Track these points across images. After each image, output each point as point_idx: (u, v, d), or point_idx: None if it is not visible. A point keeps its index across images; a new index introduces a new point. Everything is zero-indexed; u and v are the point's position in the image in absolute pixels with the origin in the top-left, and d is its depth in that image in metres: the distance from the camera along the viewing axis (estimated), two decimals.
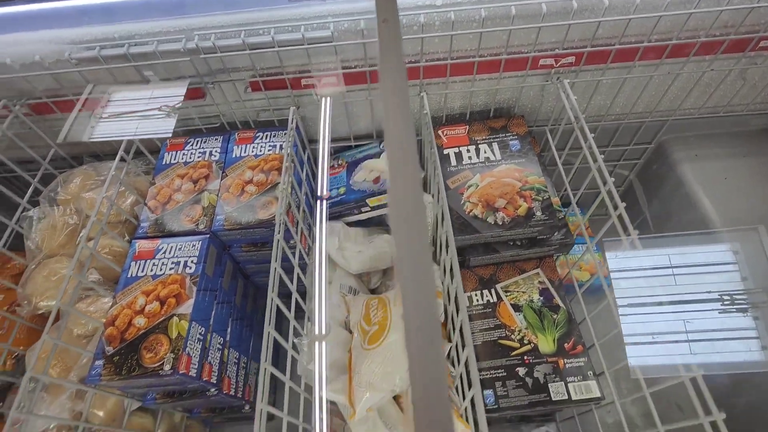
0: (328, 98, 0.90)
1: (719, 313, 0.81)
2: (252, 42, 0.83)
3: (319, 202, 0.85)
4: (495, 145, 1.00)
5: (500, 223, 0.89)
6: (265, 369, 0.61)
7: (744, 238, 0.91)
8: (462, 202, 0.92)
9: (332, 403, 0.83)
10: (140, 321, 0.78)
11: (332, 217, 1.06)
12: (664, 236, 1.04)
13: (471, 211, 0.91)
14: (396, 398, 0.83)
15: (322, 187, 0.86)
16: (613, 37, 0.89)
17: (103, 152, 1.09)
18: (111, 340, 0.77)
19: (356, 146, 1.12)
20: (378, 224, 1.13)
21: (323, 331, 0.73)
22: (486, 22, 0.83)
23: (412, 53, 0.89)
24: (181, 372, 0.73)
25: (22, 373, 0.79)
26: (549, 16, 0.83)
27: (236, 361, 0.94)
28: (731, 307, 0.81)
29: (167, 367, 0.73)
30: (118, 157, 0.89)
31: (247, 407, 1.00)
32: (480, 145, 1.00)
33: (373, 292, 1.09)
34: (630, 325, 0.77)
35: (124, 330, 0.77)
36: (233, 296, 0.97)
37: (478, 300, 0.92)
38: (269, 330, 0.64)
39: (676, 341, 0.78)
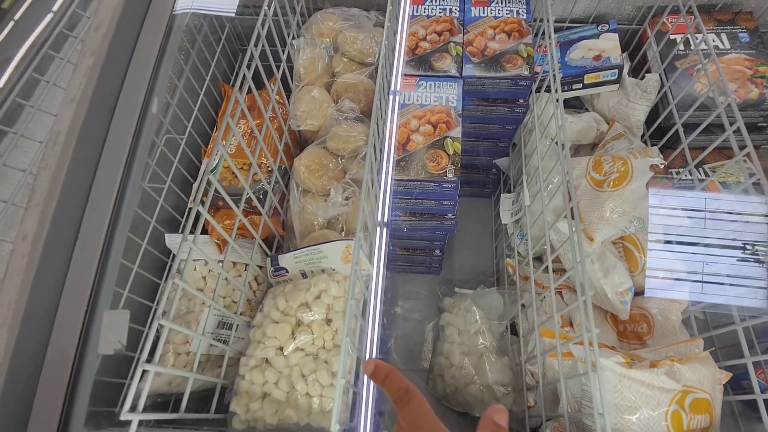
0: None
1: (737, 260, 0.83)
2: None
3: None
4: (723, 36, 1.04)
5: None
6: None
7: None
8: (692, 82, 0.99)
9: None
10: (418, 138, 0.89)
11: (538, 91, 1.13)
12: None
13: (701, 90, 0.98)
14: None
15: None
16: None
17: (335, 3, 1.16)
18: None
19: (568, 28, 1.17)
20: (572, 106, 1.20)
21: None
22: None
23: None
24: (458, 180, 0.86)
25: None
26: None
27: None
28: (750, 256, 0.82)
29: (450, 175, 0.85)
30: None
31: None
32: (708, 34, 1.04)
33: None
34: (654, 259, 0.86)
35: (404, 143, 0.89)
36: None
37: (686, 177, 1.01)
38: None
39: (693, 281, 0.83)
